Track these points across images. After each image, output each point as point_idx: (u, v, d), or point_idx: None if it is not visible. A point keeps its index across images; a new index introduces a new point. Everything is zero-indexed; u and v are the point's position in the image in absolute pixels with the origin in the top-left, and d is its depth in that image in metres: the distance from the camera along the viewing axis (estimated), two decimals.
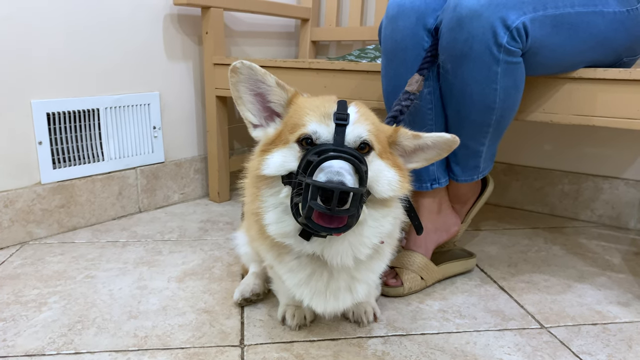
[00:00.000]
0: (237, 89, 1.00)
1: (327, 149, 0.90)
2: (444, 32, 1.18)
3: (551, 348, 1.13)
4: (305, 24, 2.44)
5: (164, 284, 1.39)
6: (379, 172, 0.96)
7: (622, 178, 1.93)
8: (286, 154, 0.95)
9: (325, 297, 1.04)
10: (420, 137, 1.01)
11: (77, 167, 1.78)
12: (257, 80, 0.99)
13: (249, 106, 1.01)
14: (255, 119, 1.03)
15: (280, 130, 0.99)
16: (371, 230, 0.99)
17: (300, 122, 0.94)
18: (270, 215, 0.99)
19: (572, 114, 1.28)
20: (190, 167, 2.15)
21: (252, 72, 0.98)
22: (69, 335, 1.14)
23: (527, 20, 1.11)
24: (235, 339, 1.14)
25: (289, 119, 0.98)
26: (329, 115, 0.93)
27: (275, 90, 1.00)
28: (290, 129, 0.96)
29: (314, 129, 0.92)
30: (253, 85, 1.00)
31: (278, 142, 0.98)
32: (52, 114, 1.68)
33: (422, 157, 1.05)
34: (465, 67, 1.17)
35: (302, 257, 1.03)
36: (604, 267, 1.57)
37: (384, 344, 1.13)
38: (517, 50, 1.14)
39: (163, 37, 1.97)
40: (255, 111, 1.02)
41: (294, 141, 0.94)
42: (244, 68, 0.97)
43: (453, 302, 1.32)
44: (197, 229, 1.82)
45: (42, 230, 1.71)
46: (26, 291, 1.33)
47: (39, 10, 1.61)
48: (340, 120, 0.91)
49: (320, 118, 0.93)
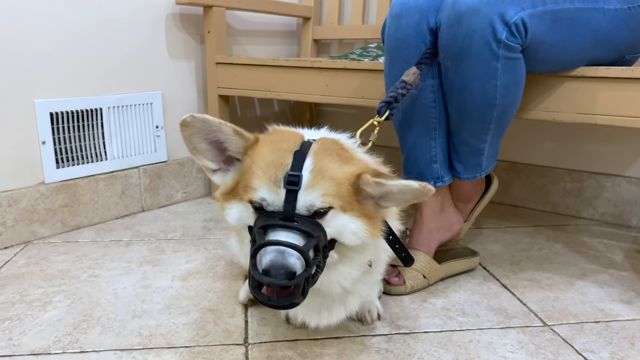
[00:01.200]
0: (191, 140, 0.93)
1: (273, 223, 0.84)
2: (443, 29, 1.19)
3: (554, 346, 1.13)
4: (306, 22, 2.44)
5: (168, 283, 1.40)
6: (342, 226, 0.88)
7: (624, 176, 1.93)
8: (242, 210, 0.91)
9: (319, 314, 1.04)
10: (384, 184, 0.87)
11: (81, 167, 1.78)
12: (212, 130, 0.92)
13: (205, 154, 0.95)
14: (213, 164, 0.97)
15: (237, 181, 0.94)
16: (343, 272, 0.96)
17: (251, 184, 0.88)
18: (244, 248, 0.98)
19: (574, 113, 1.29)
20: (192, 166, 2.15)
21: (205, 124, 0.91)
22: (74, 334, 1.14)
23: (526, 16, 1.12)
24: (239, 338, 1.14)
25: (245, 171, 0.92)
26: (279, 180, 0.85)
27: (233, 138, 0.93)
28: (243, 187, 0.91)
29: (263, 196, 0.86)
30: (208, 135, 0.93)
31: (235, 194, 0.93)
32: (55, 114, 1.69)
33: (395, 199, 0.91)
34: (464, 64, 1.18)
35: None
36: (606, 264, 1.57)
37: (387, 342, 1.14)
38: (516, 46, 1.14)
39: (165, 37, 1.97)
40: (213, 157, 0.96)
41: (246, 200, 0.90)
42: (195, 121, 0.90)
43: (456, 300, 1.33)
44: (200, 228, 1.83)
45: (46, 230, 1.71)
46: (31, 290, 1.34)
47: (41, 10, 1.62)
48: (291, 185, 0.84)
49: (270, 185, 0.86)
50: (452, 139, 1.35)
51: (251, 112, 2.39)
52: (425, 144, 1.35)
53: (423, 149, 1.36)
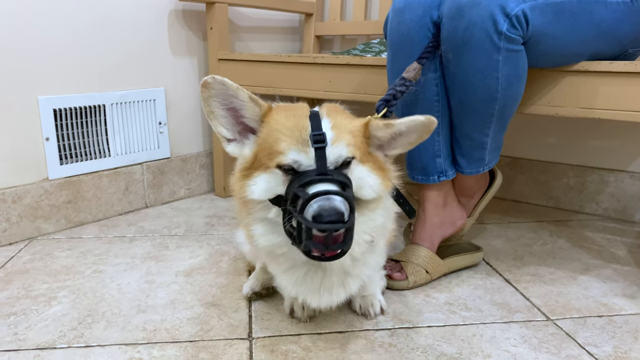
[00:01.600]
0: (209, 103, 0.96)
1: (312, 179, 0.88)
2: (445, 22, 1.19)
3: (557, 340, 1.13)
4: (309, 18, 2.44)
5: (172, 278, 1.40)
6: (360, 179, 0.94)
7: (627, 171, 1.93)
8: (270, 179, 0.93)
9: (320, 293, 1.04)
10: (393, 125, 0.97)
11: (84, 163, 1.79)
12: (230, 95, 0.95)
13: (221, 120, 0.98)
14: (228, 133, 1.00)
15: (256, 152, 0.97)
16: (362, 226, 0.98)
17: (278, 148, 0.92)
18: (259, 227, 0.98)
19: (577, 107, 1.28)
20: (196, 163, 2.16)
21: (224, 87, 0.94)
22: (79, 329, 1.15)
23: (527, 8, 1.12)
24: (243, 332, 1.15)
25: (264, 140, 0.96)
26: (306, 141, 0.91)
27: (249, 105, 0.96)
28: (267, 155, 0.94)
29: (294, 159, 0.91)
30: (225, 100, 0.96)
31: (257, 166, 0.95)
32: (58, 110, 1.70)
33: (401, 142, 1.01)
34: (466, 56, 1.18)
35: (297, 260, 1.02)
36: (609, 259, 1.57)
37: (390, 337, 1.14)
38: (517, 38, 1.14)
39: (168, 33, 1.97)
40: (229, 125, 0.99)
41: (274, 167, 0.92)
42: (215, 83, 0.94)
43: (459, 295, 1.33)
44: (204, 224, 1.83)
45: (50, 226, 1.72)
46: (36, 286, 1.35)
47: (44, 7, 1.62)
48: (319, 144, 0.90)
49: (298, 146, 0.91)
50: (455, 133, 1.35)
51: None
52: (428, 138, 1.35)
53: (426, 143, 1.35)
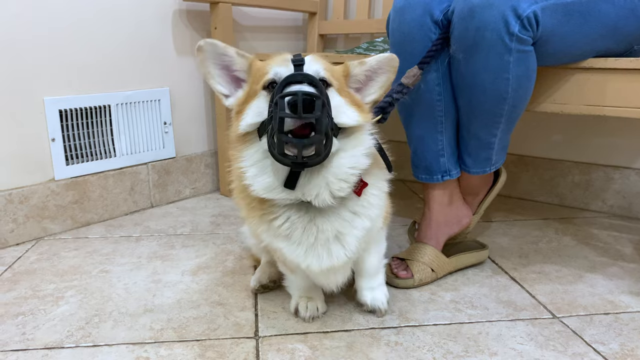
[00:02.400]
0: (205, 65, 1.06)
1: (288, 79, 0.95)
2: (456, 22, 1.18)
3: (563, 338, 1.13)
4: (313, 17, 2.44)
5: (178, 278, 1.41)
6: (338, 107, 0.99)
7: (633, 168, 1.92)
8: (257, 104, 1.00)
9: (318, 252, 1.05)
10: (365, 62, 1.08)
11: (90, 164, 1.80)
12: (220, 54, 1.06)
13: (217, 79, 1.08)
14: (224, 89, 1.09)
15: (247, 91, 1.06)
16: (344, 160, 1.01)
17: (263, 72, 1.01)
18: (252, 170, 1.02)
19: (583, 104, 1.28)
20: (200, 162, 2.16)
21: (215, 47, 1.04)
22: (87, 329, 1.16)
23: (538, 9, 1.11)
24: (249, 331, 1.15)
25: (253, 77, 1.05)
26: (287, 60, 1.01)
27: (237, 59, 1.07)
28: (255, 83, 1.03)
29: (276, 71, 0.99)
30: (218, 60, 1.06)
31: (249, 99, 1.03)
32: (64, 111, 1.70)
33: (375, 85, 1.10)
34: (477, 57, 1.17)
35: (291, 216, 1.04)
36: (615, 257, 1.56)
37: (396, 335, 1.14)
38: (528, 39, 1.13)
39: (172, 33, 1.98)
40: (224, 82, 1.09)
41: (261, 89, 1.00)
42: (207, 45, 1.04)
43: (465, 293, 1.33)
44: (209, 223, 1.84)
45: (57, 226, 1.73)
46: (43, 286, 1.36)
47: (48, 8, 1.63)
48: (297, 62, 0.99)
49: (280, 62, 1.01)
50: (462, 132, 1.35)
51: None
52: (431, 138, 1.35)
53: (429, 143, 1.36)
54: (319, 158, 0.94)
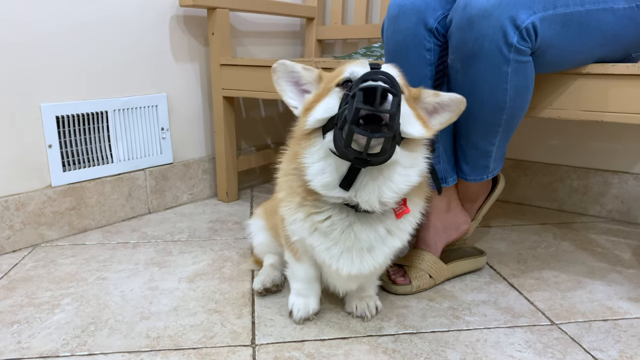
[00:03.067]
0: (279, 83, 1.13)
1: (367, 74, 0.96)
2: (454, 32, 1.18)
3: (562, 345, 1.13)
4: (310, 22, 2.44)
5: (175, 285, 1.40)
6: (407, 116, 1.01)
7: (631, 172, 1.92)
8: (328, 100, 1.02)
9: (352, 256, 1.09)
10: (439, 95, 1.10)
11: (87, 170, 1.79)
12: (290, 72, 1.12)
13: (289, 94, 1.14)
14: (295, 102, 1.14)
15: (319, 92, 1.08)
16: (399, 177, 1.04)
17: (338, 72, 1.05)
18: (314, 167, 1.04)
19: (580, 110, 1.28)
20: (198, 168, 2.16)
21: (285, 67, 1.11)
22: (83, 337, 1.15)
23: (537, 20, 1.11)
24: (246, 339, 1.15)
25: (325, 82, 1.09)
26: (365, 62, 1.04)
27: (303, 73, 1.12)
28: (328, 83, 1.06)
29: (352, 70, 1.01)
30: (289, 77, 1.13)
31: (319, 98, 1.06)
32: (61, 117, 1.70)
33: (437, 120, 1.12)
34: (475, 67, 1.17)
35: (333, 216, 1.08)
36: (614, 262, 1.56)
37: (394, 342, 1.13)
38: (526, 50, 1.13)
39: (170, 39, 1.98)
40: (294, 96, 1.14)
41: (334, 86, 1.03)
42: (279, 65, 1.11)
43: (463, 300, 1.33)
44: (207, 229, 1.83)
45: (54, 233, 1.72)
46: (39, 293, 1.35)
47: (46, 14, 1.63)
48: (374, 65, 1.02)
49: (357, 63, 1.04)
50: (460, 141, 1.34)
51: (256, 113, 2.40)
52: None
53: None
54: (383, 157, 0.95)
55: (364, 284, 1.24)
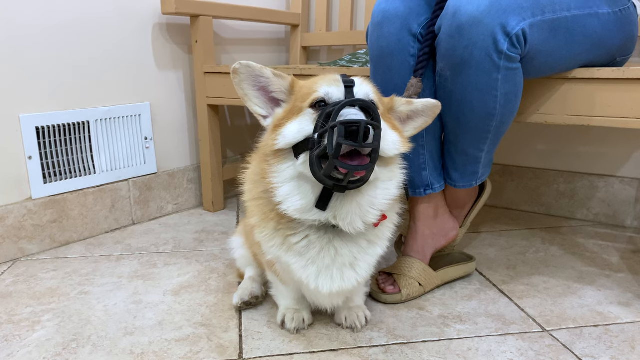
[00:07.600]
0: (241, 87, 1.06)
1: (342, 101, 0.95)
2: (443, 39, 1.17)
3: (554, 352, 1.12)
4: (295, 29, 2.43)
5: (160, 298, 1.37)
6: (384, 134, 0.98)
7: (617, 176, 1.92)
8: (301, 120, 0.99)
9: (332, 274, 1.06)
10: (412, 102, 1.11)
11: (69, 181, 1.75)
12: (257, 76, 1.06)
13: (254, 100, 1.08)
14: (263, 110, 1.09)
15: (289, 108, 1.04)
16: (379, 191, 1.03)
17: (312, 90, 1.00)
18: (285, 188, 1.01)
19: (567, 115, 1.28)
20: (183, 177, 2.13)
21: (250, 69, 1.05)
22: (64, 355, 1.11)
23: (527, 26, 1.10)
24: (233, 353, 1.12)
25: (297, 95, 1.05)
26: (337, 79, 1.01)
27: (274, 80, 1.06)
28: (300, 100, 1.02)
29: (326, 91, 0.99)
30: (254, 81, 1.07)
31: (290, 116, 1.02)
32: (41, 128, 1.66)
33: (412, 125, 1.13)
34: (465, 75, 1.16)
35: (311, 235, 1.05)
36: (602, 266, 1.56)
37: (385, 353, 1.11)
38: (516, 56, 1.12)
39: (152, 47, 1.95)
40: (262, 103, 1.09)
41: (307, 107, 0.99)
42: (242, 67, 1.04)
43: (453, 308, 1.31)
44: (192, 240, 1.80)
45: (34, 246, 1.68)
46: (19, 310, 1.31)
47: (25, 23, 1.59)
48: (348, 83, 0.99)
49: (330, 82, 1.00)
50: (449, 148, 1.33)
51: (241, 121, 2.37)
52: (413, 151, 1.33)
53: (411, 156, 1.34)
54: (361, 183, 0.96)
55: (351, 295, 1.22)
